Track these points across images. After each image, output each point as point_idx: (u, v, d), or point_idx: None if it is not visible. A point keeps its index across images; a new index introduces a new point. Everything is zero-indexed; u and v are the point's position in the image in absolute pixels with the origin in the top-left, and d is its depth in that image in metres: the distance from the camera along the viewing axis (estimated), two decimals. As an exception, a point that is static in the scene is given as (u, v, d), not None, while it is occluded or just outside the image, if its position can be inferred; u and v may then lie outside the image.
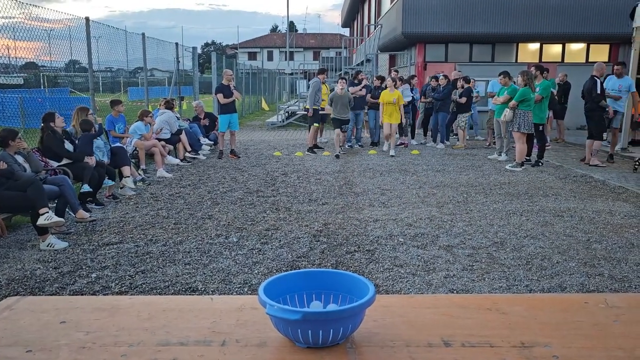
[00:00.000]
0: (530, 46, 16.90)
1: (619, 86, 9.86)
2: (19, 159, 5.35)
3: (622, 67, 10.01)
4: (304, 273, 1.27)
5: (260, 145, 12.76)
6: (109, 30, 10.31)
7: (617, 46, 16.61)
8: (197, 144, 10.57)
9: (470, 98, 12.08)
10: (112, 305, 1.33)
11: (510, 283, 4.08)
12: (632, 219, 5.96)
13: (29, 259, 4.64)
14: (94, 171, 6.24)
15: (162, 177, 8.34)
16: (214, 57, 16.38)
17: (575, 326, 1.22)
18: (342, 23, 41.23)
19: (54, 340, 1.14)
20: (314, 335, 1.06)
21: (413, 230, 5.46)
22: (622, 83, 9.86)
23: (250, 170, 9.08)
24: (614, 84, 9.89)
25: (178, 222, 5.79)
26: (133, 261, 4.54)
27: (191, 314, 1.28)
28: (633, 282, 4.10)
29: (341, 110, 10.70)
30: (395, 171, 9.01)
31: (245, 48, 62.31)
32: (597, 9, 15.42)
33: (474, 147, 12.31)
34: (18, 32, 7.76)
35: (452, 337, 1.15)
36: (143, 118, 8.73)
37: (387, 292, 3.91)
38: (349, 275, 1.24)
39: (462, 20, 15.57)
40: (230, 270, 4.32)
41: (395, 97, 10.65)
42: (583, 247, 4.95)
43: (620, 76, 9.91)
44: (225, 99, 10.04)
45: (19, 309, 1.31)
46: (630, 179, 8.38)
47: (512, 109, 9.09)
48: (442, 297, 1.45)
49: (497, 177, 8.52)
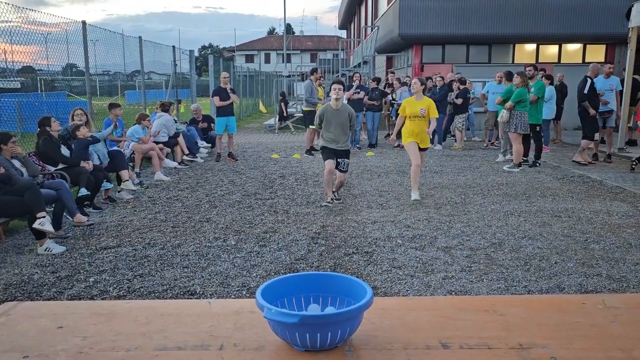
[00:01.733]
0: (527, 47, 16.94)
1: (609, 85, 9.97)
2: (16, 163, 5.33)
3: (613, 66, 10.29)
4: (301, 276, 1.27)
5: (258, 147, 12.75)
6: (105, 33, 10.31)
7: (613, 46, 16.67)
8: (194, 147, 10.56)
9: (467, 99, 12.10)
10: (109, 310, 1.32)
11: (509, 284, 4.08)
12: (630, 218, 5.97)
13: (26, 263, 4.62)
14: (91, 175, 6.23)
15: (159, 181, 8.33)
16: (211, 60, 16.39)
17: (573, 327, 1.22)
18: (339, 25, 41.31)
19: (51, 346, 1.14)
20: (312, 338, 1.06)
21: (411, 231, 5.46)
22: (612, 82, 10.02)
23: (248, 173, 9.07)
24: (604, 84, 9.99)
25: (176, 225, 5.79)
26: (131, 265, 4.53)
27: (189, 318, 1.27)
28: (631, 282, 4.11)
29: (335, 134, 6.41)
30: (393, 173, 9.01)
31: (242, 51, 62.37)
32: (593, 10, 15.48)
33: (472, 148, 12.32)
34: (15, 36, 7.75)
35: (450, 339, 1.15)
36: (141, 121, 8.73)
37: (386, 293, 3.91)
38: (347, 278, 1.24)
39: (458, 22, 15.61)
40: (228, 274, 4.31)
41: (424, 107, 6.81)
42: (581, 247, 4.96)
43: (608, 76, 10.08)
44: (222, 102, 10.03)
45: (16, 314, 1.31)
46: (628, 179, 8.40)
47: (508, 110, 9.11)
48: (440, 299, 1.45)
49: (495, 178, 8.53)
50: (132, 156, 8.39)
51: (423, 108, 6.78)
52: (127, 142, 8.46)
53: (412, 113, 6.83)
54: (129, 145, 8.43)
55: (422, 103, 6.83)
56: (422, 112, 6.76)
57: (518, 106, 8.99)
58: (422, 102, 6.86)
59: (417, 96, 6.94)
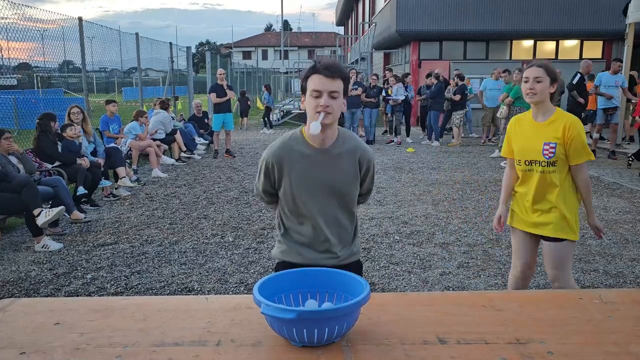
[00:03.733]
0: (524, 43, 16.94)
1: (615, 82, 9.97)
2: (12, 160, 5.31)
3: (620, 63, 10.21)
4: (298, 272, 1.27)
5: (256, 144, 12.74)
6: (102, 30, 10.27)
7: (610, 43, 16.69)
8: (192, 143, 10.55)
9: (464, 95, 12.10)
10: (106, 307, 1.32)
11: (506, 280, 4.07)
12: (627, 214, 5.99)
13: (23, 260, 4.61)
14: (88, 173, 6.21)
15: (157, 177, 8.31)
16: (209, 56, 16.33)
17: (570, 322, 1.22)
18: (337, 21, 41.25)
19: (49, 342, 1.14)
20: (309, 334, 1.06)
21: (409, 228, 5.47)
22: (618, 79, 10.01)
23: (246, 170, 9.06)
24: (609, 79, 9.98)
25: (173, 222, 5.78)
26: (128, 262, 4.53)
27: (186, 315, 1.27)
28: (627, 278, 4.12)
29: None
30: (390, 169, 9.02)
31: (239, 47, 62.20)
32: (590, 6, 15.48)
33: (469, 144, 12.33)
34: (11, 33, 7.71)
35: (448, 334, 1.16)
36: (138, 118, 8.71)
37: (384, 290, 3.91)
38: (344, 274, 1.24)
39: (455, 18, 15.60)
40: (226, 270, 4.31)
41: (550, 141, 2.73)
42: (578, 243, 4.97)
43: (616, 72, 10.06)
44: (218, 99, 10.01)
45: (14, 311, 1.31)
46: (625, 175, 8.41)
47: (508, 106, 9.14)
48: (437, 294, 1.45)
49: (492, 174, 8.54)
50: (129, 153, 8.37)
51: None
52: (124, 138, 8.44)
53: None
54: (126, 142, 8.41)
55: (546, 133, 2.77)
56: (547, 156, 2.76)
57: (517, 102, 9.03)
58: (546, 132, 2.78)
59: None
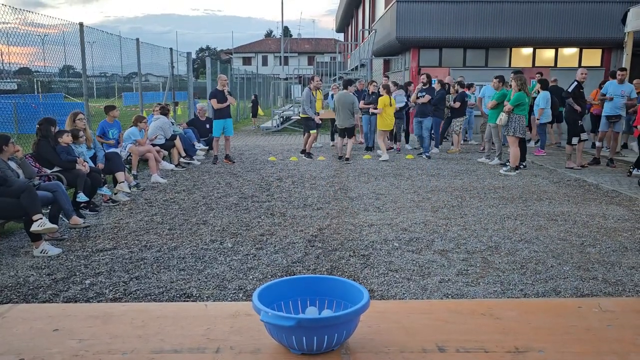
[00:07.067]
0: (524, 51, 17.00)
1: (621, 91, 9.97)
2: (12, 165, 5.31)
3: (625, 72, 10.18)
4: (298, 279, 1.27)
5: (255, 150, 12.75)
6: (103, 35, 10.30)
7: (609, 51, 16.74)
8: (191, 149, 10.55)
9: (464, 103, 12.13)
10: (105, 313, 1.32)
11: (505, 287, 4.08)
12: (626, 222, 5.99)
13: (22, 265, 4.60)
14: (88, 178, 6.21)
15: (156, 183, 8.31)
16: (209, 62, 16.38)
17: (569, 331, 1.22)
18: (337, 28, 41.38)
19: (47, 349, 1.14)
20: (308, 341, 1.06)
21: (408, 234, 5.47)
22: (624, 88, 9.99)
23: (245, 176, 9.06)
24: (616, 88, 9.99)
25: (172, 227, 5.77)
26: (127, 267, 4.52)
27: (185, 321, 1.27)
28: (627, 286, 4.12)
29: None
30: (389, 176, 9.02)
31: (239, 53, 62.36)
32: (589, 14, 15.55)
33: (468, 151, 12.34)
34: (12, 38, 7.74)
35: (447, 342, 1.16)
36: (137, 123, 8.72)
37: (383, 297, 3.91)
38: (343, 281, 1.24)
39: (455, 25, 15.65)
40: (225, 276, 4.30)
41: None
42: (577, 250, 4.97)
43: (622, 82, 10.05)
44: (219, 104, 10.03)
45: (11, 316, 1.31)
46: (624, 183, 8.42)
47: (507, 113, 9.14)
48: (437, 302, 1.45)
49: (492, 181, 8.54)
50: (128, 158, 8.37)
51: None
52: (122, 143, 8.44)
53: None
54: (125, 147, 8.41)
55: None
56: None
57: (516, 110, 9.04)
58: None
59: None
